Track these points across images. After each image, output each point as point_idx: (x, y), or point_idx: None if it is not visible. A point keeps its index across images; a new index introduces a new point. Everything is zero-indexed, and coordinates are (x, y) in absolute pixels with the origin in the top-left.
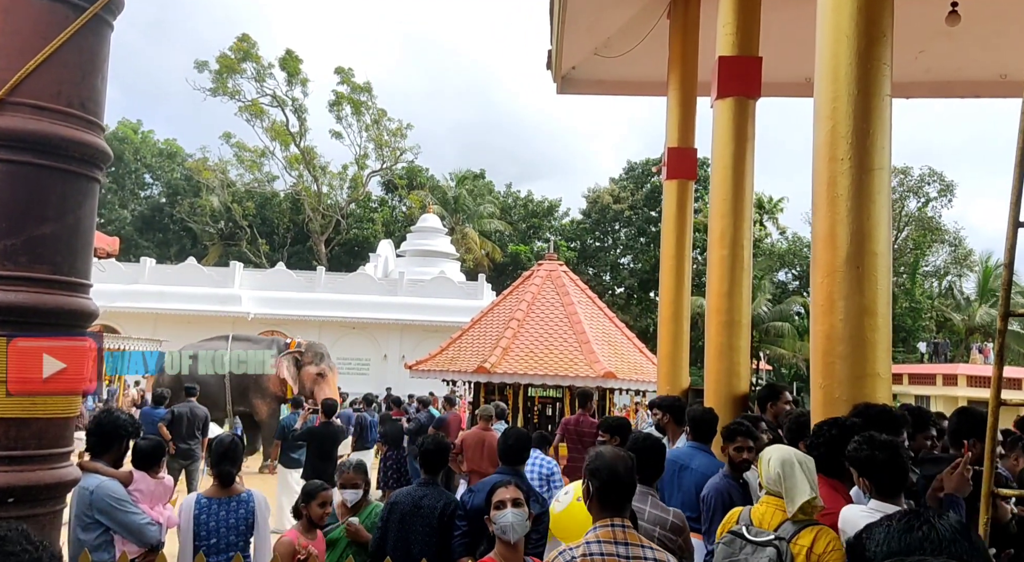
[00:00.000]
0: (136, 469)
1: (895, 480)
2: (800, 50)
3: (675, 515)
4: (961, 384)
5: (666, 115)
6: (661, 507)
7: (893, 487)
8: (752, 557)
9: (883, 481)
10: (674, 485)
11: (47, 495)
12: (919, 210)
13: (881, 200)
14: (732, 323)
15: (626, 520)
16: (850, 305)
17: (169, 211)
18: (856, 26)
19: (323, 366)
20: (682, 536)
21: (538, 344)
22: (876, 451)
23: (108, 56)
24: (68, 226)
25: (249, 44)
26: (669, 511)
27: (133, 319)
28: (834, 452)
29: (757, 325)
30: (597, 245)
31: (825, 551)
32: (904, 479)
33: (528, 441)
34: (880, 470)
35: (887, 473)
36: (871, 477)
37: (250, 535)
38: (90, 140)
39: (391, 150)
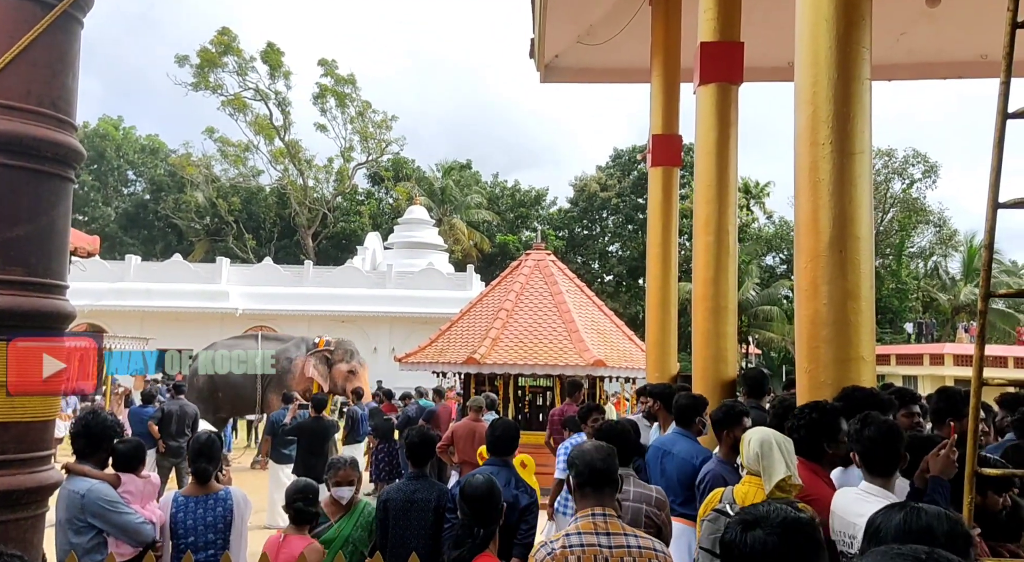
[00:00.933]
0: (119, 471)
1: (886, 460)
2: (782, 34)
3: (657, 491)
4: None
5: (650, 102)
6: (643, 485)
7: (884, 467)
8: None
9: (873, 460)
10: (657, 470)
11: (28, 499)
12: (904, 192)
13: (862, 184)
14: (719, 309)
15: (608, 509)
16: (834, 289)
17: (153, 208)
18: (836, 9)
19: (353, 363)
20: (665, 511)
21: (527, 334)
22: (866, 429)
23: (79, 54)
24: (42, 227)
25: (230, 38)
26: (652, 488)
27: (119, 317)
28: (815, 435)
29: (745, 309)
30: (585, 233)
31: None
32: (894, 459)
33: (516, 432)
34: (870, 449)
35: (878, 452)
36: (862, 456)
37: (229, 533)
38: (62, 139)
39: (376, 142)
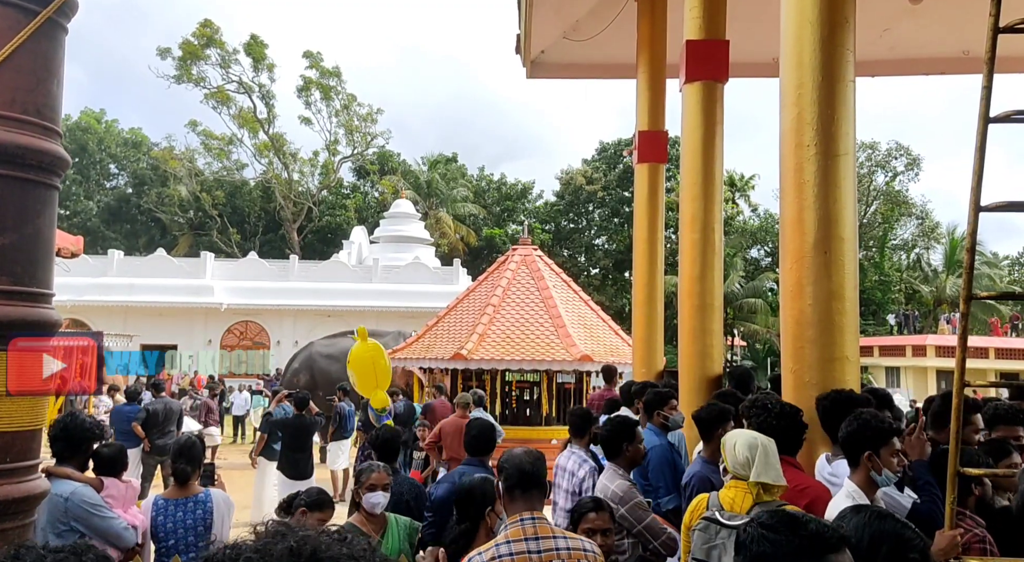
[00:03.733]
0: (101, 475)
1: (852, 450)
2: (768, 30)
3: (617, 486)
4: (930, 355)
5: (636, 98)
6: (614, 480)
7: (853, 459)
8: (729, 541)
9: (846, 453)
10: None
11: (15, 510)
12: (887, 184)
13: (846, 185)
14: (705, 306)
15: (536, 513)
16: (818, 290)
17: (136, 202)
18: (820, 13)
19: None
20: (627, 506)
21: (514, 329)
22: (848, 426)
23: (63, 60)
24: (27, 236)
25: (212, 30)
26: (615, 483)
27: (102, 313)
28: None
29: (731, 302)
30: (571, 227)
31: None
32: (858, 450)
33: (492, 432)
34: (848, 443)
35: (849, 444)
36: (844, 451)
37: (209, 535)
38: (47, 147)
39: (362, 135)
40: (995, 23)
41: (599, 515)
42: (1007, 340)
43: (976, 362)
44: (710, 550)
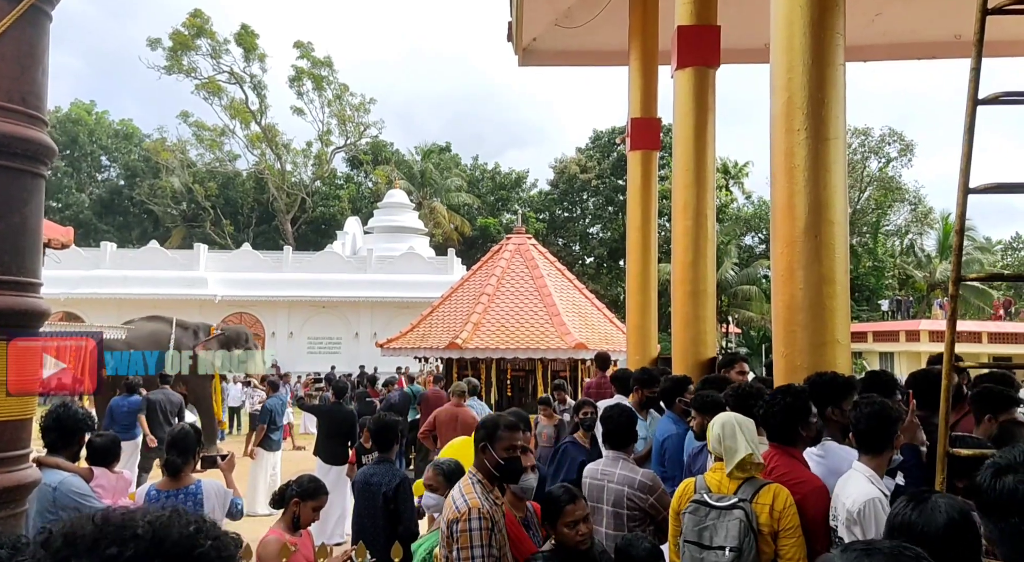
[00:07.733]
0: (93, 465)
1: (874, 437)
2: (759, 15)
3: (644, 475)
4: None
5: (628, 86)
6: (631, 468)
7: (873, 445)
8: (719, 522)
9: (861, 438)
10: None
11: (7, 498)
12: (880, 170)
13: (837, 169)
14: (697, 293)
15: None
16: (809, 274)
17: (128, 194)
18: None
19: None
20: (654, 495)
21: (509, 318)
22: (857, 409)
23: (48, 47)
24: (13, 225)
25: (202, 20)
26: (638, 471)
27: (96, 305)
28: (791, 419)
29: (725, 289)
30: (566, 215)
31: (785, 506)
32: (883, 437)
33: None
34: (858, 428)
35: (869, 431)
36: (856, 435)
37: None
38: (33, 135)
39: (355, 125)
40: (983, 4)
41: (576, 505)
42: (1000, 324)
43: (969, 346)
44: (702, 531)
